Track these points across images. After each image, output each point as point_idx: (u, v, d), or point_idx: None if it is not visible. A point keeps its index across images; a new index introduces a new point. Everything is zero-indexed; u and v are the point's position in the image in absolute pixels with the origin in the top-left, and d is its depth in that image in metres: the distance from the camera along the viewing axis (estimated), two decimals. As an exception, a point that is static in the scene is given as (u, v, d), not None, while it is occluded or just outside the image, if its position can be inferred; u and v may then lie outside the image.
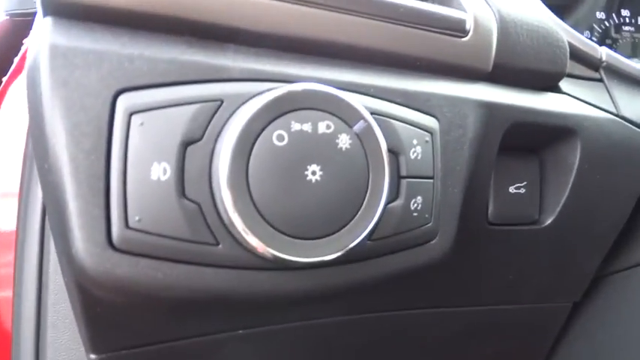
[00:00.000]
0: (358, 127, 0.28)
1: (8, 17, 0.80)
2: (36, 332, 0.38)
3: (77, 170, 0.24)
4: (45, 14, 0.25)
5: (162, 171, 0.25)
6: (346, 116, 0.28)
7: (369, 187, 0.28)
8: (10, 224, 0.42)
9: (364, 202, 0.28)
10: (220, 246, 0.26)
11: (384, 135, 0.29)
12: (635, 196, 0.44)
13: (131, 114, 0.25)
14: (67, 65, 0.24)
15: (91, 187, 0.24)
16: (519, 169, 0.42)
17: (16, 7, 0.79)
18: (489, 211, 0.40)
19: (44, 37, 0.24)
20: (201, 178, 0.26)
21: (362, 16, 0.31)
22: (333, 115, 0.27)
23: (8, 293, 0.40)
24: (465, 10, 0.35)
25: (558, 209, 0.41)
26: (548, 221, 0.41)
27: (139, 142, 0.25)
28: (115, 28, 0.26)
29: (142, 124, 0.25)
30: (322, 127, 0.27)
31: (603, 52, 0.44)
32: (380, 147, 0.28)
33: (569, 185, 0.41)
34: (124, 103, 0.25)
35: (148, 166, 0.25)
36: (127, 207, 0.25)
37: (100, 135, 0.24)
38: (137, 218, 0.25)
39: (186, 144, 0.25)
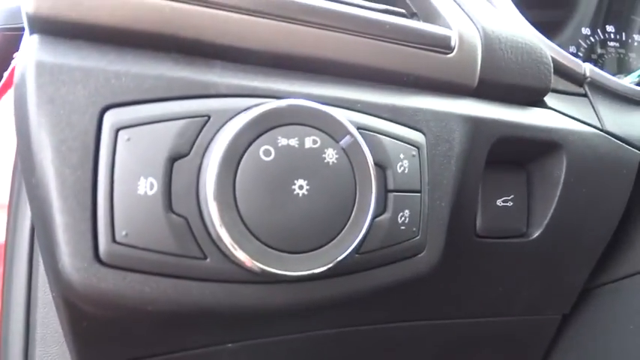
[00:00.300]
0: (345, 141, 0.28)
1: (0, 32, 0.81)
2: (24, 346, 0.37)
3: (64, 185, 0.24)
4: (31, 32, 0.25)
5: (149, 186, 0.25)
6: (332, 131, 0.28)
7: (357, 201, 0.28)
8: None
9: (351, 216, 0.28)
10: (208, 260, 0.26)
11: (370, 149, 0.29)
12: (620, 209, 0.45)
13: (118, 130, 0.25)
14: (53, 82, 0.24)
15: (77, 202, 0.24)
16: (507, 183, 0.42)
17: (6, 22, 0.79)
18: (477, 224, 0.40)
19: (30, 54, 0.25)
20: (188, 192, 0.26)
21: (349, 34, 0.32)
22: (320, 130, 0.28)
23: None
24: (450, 27, 0.36)
25: (546, 222, 0.42)
26: (536, 234, 0.42)
27: (125, 157, 0.25)
28: (101, 45, 0.26)
29: (128, 139, 0.25)
30: (309, 142, 0.27)
31: (587, 68, 0.44)
32: (367, 161, 0.28)
33: (556, 198, 0.41)
34: (110, 118, 0.25)
35: (135, 181, 0.25)
36: (113, 221, 0.25)
37: (86, 150, 0.25)
38: (124, 233, 0.25)
39: (173, 159, 0.26)
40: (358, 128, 0.29)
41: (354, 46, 0.32)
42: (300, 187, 0.27)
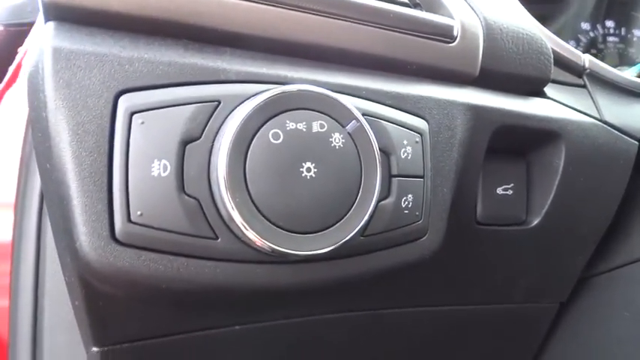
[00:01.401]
0: (351, 126, 0.29)
1: (2, 28, 0.81)
2: (32, 337, 0.38)
3: (81, 167, 0.25)
4: (47, 19, 0.26)
5: (162, 168, 0.26)
6: (339, 116, 0.29)
7: (362, 185, 0.29)
8: (5, 234, 0.42)
9: (357, 199, 0.29)
10: (219, 240, 0.27)
11: (375, 135, 0.30)
12: (617, 198, 0.46)
13: (132, 113, 0.26)
14: (69, 67, 0.25)
15: (94, 183, 0.25)
16: (507, 171, 0.43)
17: (10, 18, 0.80)
18: (478, 212, 0.41)
19: (47, 40, 0.25)
20: (200, 175, 0.27)
21: (354, 22, 0.33)
22: (327, 115, 0.28)
23: (4, 302, 0.41)
24: (452, 17, 0.37)
25: (544, 210, 0.43)
26: (535, 222, 0.43)
27: (140, 140, 0.26)
28: (115, 32, 0.27)
29: (142, 123, 0.26)
30: (316, 127, 0.28)
31: (586, 59, 0.45)
32: (372, 146, 0.29)
33: (555, 187, 0.42)
34: (125, 103, 0.26)
35: (149, 163, 0.26)
36: (129, 202, 0.25)
37: (102, 133, 0.25)
38: (139, 213, 0.26)
39: (185, 142, 0.26)
40: (363, 114, 0.30)
41: (359, 34, 0.33)
42: (308, 170, 0.27)
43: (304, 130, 0.28)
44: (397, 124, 0.33)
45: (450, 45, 0.36)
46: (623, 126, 0.45)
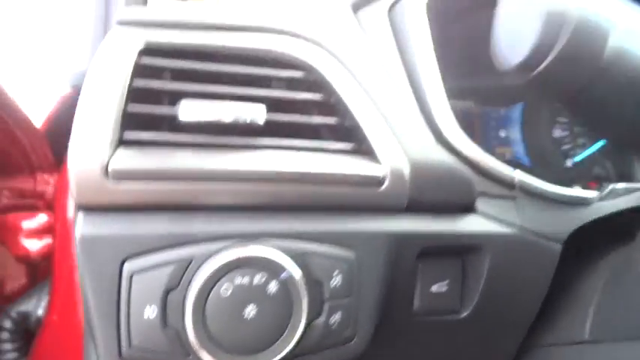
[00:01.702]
0: (283, 276, 0.41)
1: (73, 89, 0.98)
2: None
3: (100, 311, 0.39)
4: (77, 210, 0.40)
5: (152, 311, 0.39)
6: (274, 269, 0.41)
7: (292, 317, 0.41)
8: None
9: (288, 327, 0.41)
10: (190, 357, 0.40)
11: (310, 270, 0.42)
12: (542, 292, 0.54)
13: (132, 275, 0.39)
14: (91, 249, 0.39)
15: (108, 321, 0.39)
16: (442, 269, 0.52)
17: (80, 81, 0.96)
18: (414, 306, 0.51)
19: (78, 227, 0.39)
20: (177, 313, 0.40)
21: (298, 184, 0.44)
22: (265, 269, 0.41)
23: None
24: (380, 163, 0.47)
25: (473, 304, 0.52)
26: (465, 313, 0.52)
27: (137, 292, 0.39)
28: (121, 215, 0.40)
29: (139, 281, 0.39)
30: (257, 279, 0.40)
31: (516, 175, 0.54)
32: (299, 290, 0.41)
33: (481, 287, 0.51)
34: (127, 267, 0.39)
35: (143, 308, 0.39)
36: (130, 334, 0.39)
37: (112, 289, 0.39)
38: (136, 341, 0.39)
39: (167, 291, 0.40)
40: (300, 253, 0.42)
41: (302, 192, 0.44)
42: (250, 311, 0.40)
43: (247, 283, 0.40)
44: (329, 258, 0.44)
45: (380, 189, 0.46)
46: (548, 232, 0.53)
